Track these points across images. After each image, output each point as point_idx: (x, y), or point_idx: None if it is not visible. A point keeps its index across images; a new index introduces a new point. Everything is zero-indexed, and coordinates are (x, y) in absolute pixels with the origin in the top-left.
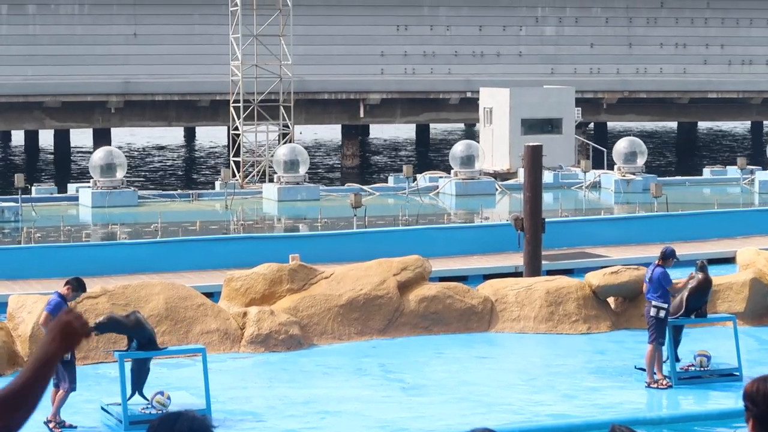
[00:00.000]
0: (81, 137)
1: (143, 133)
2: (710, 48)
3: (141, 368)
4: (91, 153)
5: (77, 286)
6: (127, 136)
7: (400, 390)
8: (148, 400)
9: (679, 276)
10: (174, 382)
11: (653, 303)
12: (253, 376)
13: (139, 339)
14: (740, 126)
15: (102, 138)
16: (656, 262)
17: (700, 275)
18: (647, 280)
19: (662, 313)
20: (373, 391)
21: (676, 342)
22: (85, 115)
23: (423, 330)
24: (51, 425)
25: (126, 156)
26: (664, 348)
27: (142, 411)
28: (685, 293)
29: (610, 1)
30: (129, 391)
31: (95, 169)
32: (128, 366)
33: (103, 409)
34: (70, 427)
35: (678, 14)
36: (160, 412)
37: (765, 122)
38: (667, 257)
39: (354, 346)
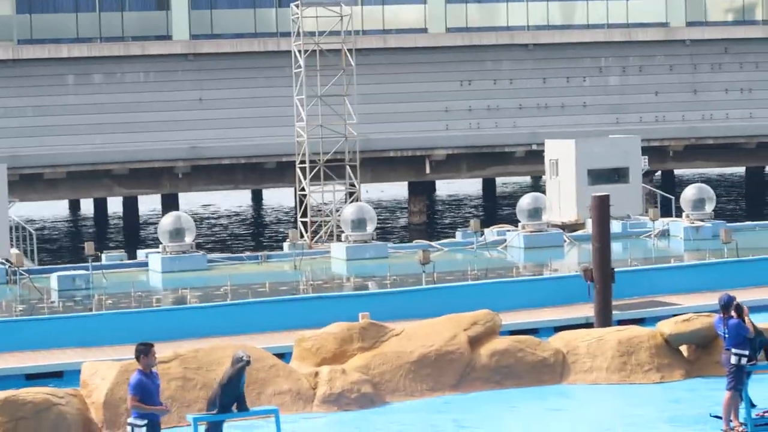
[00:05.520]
0: (149, 203)
1: (211, 197)
2: None
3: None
4: (159, 219)
5: (145, 350)
6: (195, 201)
7: None
8: None
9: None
10: None
11: (733, 351)
12: None
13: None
14: None
15: (170, 203)
16: (721, 314)
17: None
18: (723, 334)
19: (743, 360)
20: None
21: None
22: (152, 181)
23: (495, 384)
24: None
25: (194, 220)
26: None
27: None
28: None
29: (674, 48)
30: None
31: (164, 234)
32: (202, 429)
33: None
34: None
35: (742, 59)
36: None
37: None
38: (727, 308)
39: (427, 402)
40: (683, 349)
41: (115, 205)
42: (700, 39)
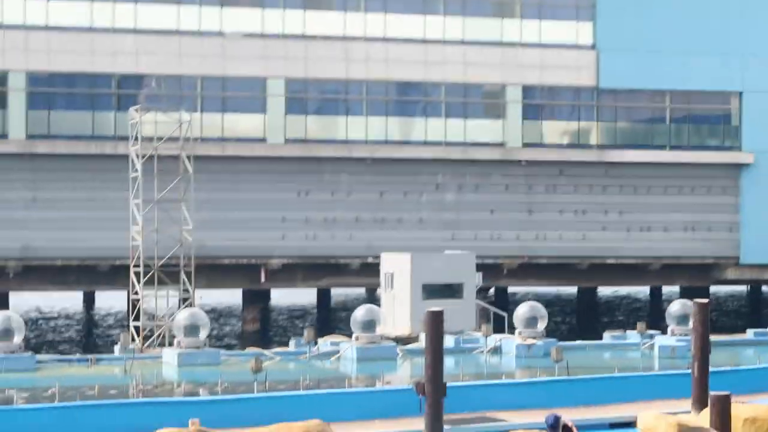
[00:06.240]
0: None
1: (43, 298)
2: (609, 215)
3: None
4: None
5: None
6: (26, 301)
7: None
8: None
9: None
10: None
11: None
12: None
13: None
14: (639, 291)
15: (0, 303)
16: None
17: None
18: None
19: None
20: None
21: None
22: None
23: None
24: None
25: (24, 320)
26: None
27: None
28: None
29: (510, 168)
30: None
31: None
32: None
33: None
34: None
35: (577, 181)
36: None
37: (663, 287)
38: (554, 427)
39: None
40: None
41: None
42: (535, 160)
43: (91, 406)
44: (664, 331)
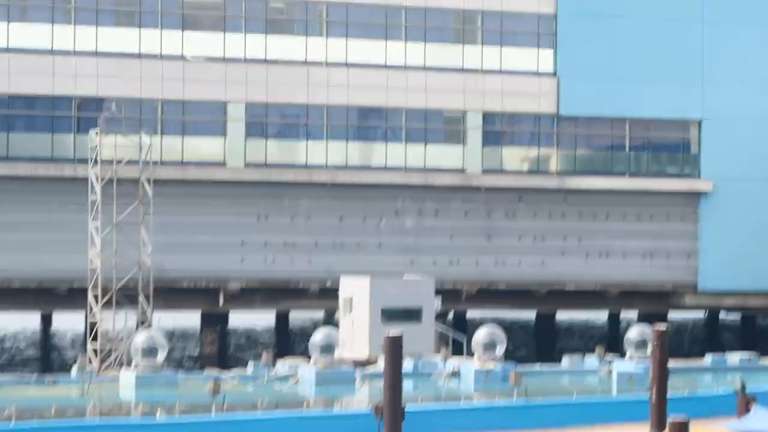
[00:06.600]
0: None
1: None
2: (568, 241)
3: None
4: None
5: None
6: None
7: None
8: None
9: None
10: None
11: None
12: None
13: None
14: (598, 316)
15: None
16: None
17: None
18: None
19: None
20: None
21: None
22: None
23: None
24: None
25: None
26: None
27: None
28: None
29: (469, 193)
30: None
31: None
32: None
33: None
34: None
35: (536, 207)
36: None
37: (622, 313)
38: None
39: None
40: None
41: None
42: (495, 186)
43: (49, 427)
44: (622, 356)
